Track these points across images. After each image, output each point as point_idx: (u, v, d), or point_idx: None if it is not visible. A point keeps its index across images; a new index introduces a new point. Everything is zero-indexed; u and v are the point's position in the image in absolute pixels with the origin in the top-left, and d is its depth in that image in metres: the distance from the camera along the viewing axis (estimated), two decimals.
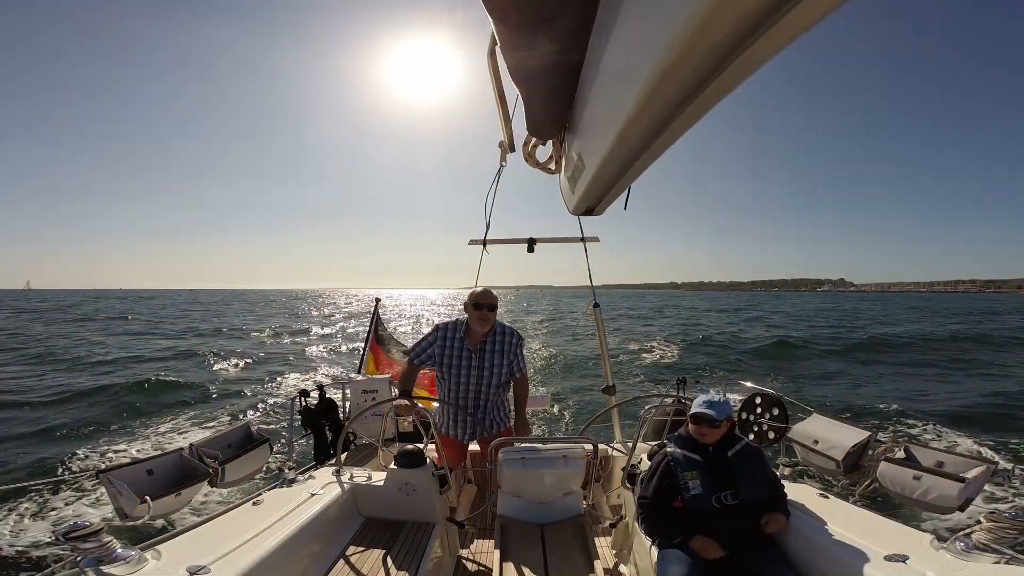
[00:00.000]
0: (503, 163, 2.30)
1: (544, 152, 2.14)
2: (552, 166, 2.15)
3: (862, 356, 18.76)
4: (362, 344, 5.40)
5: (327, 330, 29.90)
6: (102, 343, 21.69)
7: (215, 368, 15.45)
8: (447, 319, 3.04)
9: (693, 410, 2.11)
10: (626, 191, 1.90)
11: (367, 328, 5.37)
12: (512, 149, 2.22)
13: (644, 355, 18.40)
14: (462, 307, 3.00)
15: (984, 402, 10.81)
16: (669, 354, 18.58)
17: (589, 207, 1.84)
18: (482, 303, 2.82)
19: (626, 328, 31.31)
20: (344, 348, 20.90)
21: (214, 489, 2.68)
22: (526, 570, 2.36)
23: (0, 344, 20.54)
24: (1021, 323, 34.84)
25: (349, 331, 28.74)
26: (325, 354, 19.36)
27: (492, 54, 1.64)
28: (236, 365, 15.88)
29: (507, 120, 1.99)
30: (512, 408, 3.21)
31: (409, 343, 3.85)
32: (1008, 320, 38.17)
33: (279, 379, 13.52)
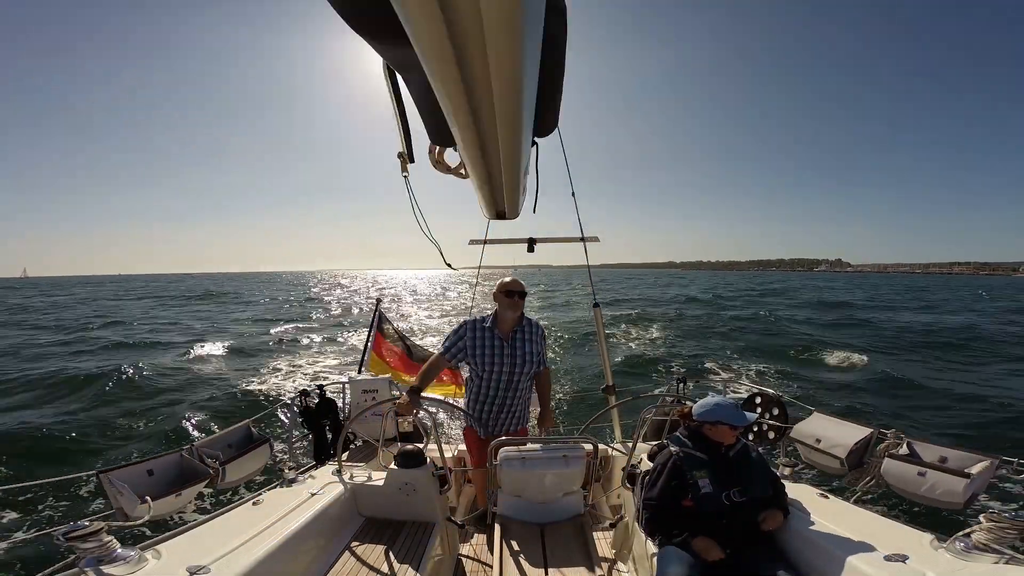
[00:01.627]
0: (405, 174, 2.09)
1: (454, 156, 2.02)
2: (463, 171, 2.03)
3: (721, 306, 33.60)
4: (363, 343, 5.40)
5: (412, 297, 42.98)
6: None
7: None
8: (472, 317, 3.13)
9: (727, 416, 2.07)
10: (529, 195, 1.89)
11: (368, 329, 5.36)
12: (412, 160, 2.05)
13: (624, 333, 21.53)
14: (489, 294, 3.13)
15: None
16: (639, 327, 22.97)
17: (499, 211, 1.81)
18: (514, 290, 2.96)
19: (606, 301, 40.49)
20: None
21: (214, 489, 2.68)
22: (526, 570, 2.36)
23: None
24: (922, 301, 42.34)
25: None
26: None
27: (387, 65, 1.57)
28: None
29: (405, 130, 1.90)
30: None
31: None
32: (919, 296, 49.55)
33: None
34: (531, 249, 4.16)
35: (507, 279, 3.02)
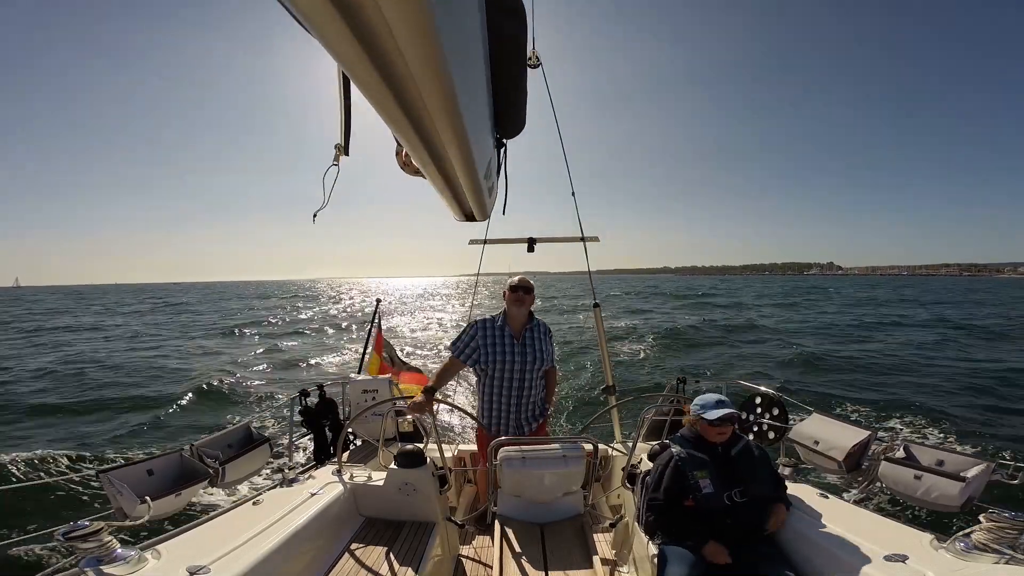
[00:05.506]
0: (335, 164, 1.99)
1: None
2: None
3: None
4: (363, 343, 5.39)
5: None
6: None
7: None
8: (481, 317, 3.17)
9: (715, 413, 2.10)
10: (494, 198, 1.88)
11: (367, 329, 5.35)
12: (346, 154, 2.02)
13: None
14: (486, 294, 3.19)
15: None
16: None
17: (466, 213, 1.82)
18: (519, 286, 3.07)
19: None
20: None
21: (213, 489, 2.68)
22: (526, 569, 2.36)
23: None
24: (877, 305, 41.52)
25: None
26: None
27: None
28: None
29: (347, 126, 1.90)
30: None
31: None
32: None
33: None
34: (531, 249, 4.16)
35: (514, 279, 3.10)
